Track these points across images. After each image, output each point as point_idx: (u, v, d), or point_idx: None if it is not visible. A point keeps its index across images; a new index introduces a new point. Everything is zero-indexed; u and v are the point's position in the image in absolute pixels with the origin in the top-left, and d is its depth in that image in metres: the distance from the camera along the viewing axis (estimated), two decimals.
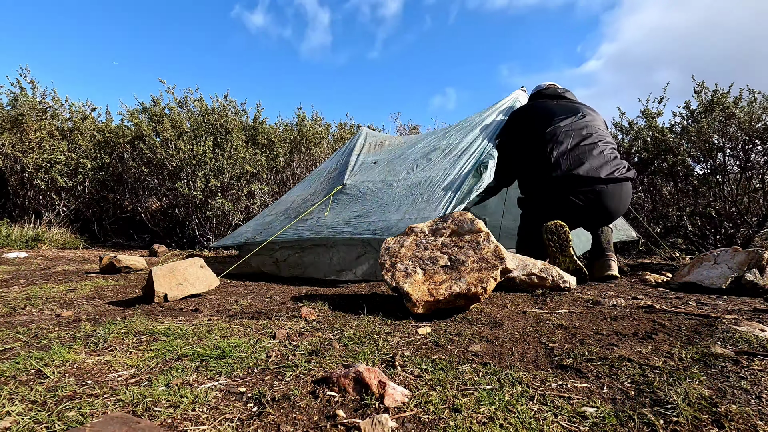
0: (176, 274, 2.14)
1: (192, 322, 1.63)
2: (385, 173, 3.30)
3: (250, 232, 3.56)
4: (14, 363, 1.15)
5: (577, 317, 1.68)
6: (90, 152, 6.28)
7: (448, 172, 2.96)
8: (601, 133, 2.83)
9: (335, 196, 3.27)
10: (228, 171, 5.93)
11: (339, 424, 0.84)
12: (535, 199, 2.82)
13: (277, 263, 3.34)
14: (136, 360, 1.19)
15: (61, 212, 6.13)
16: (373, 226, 2.74)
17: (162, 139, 6.06)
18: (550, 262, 2.49)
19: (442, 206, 2.66)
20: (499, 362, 1.20)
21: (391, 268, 1.87)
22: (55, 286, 2.53)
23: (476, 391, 0.98)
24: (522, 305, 1.91)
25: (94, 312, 1.86)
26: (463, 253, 1.87)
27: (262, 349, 1.29)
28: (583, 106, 2.99)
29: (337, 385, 0.99)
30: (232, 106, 6.82)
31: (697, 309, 1.76)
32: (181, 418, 0.86)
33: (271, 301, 2.13)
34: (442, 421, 0.85)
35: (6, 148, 5.75)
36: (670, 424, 0.83)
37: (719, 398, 0.92)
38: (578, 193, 2.62)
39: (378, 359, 1.21)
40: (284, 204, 3.82)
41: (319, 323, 1.62)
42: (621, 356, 1.20)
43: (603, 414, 0.87)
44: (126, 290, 2.48)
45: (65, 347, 1.28)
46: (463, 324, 1.61)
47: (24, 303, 2.03)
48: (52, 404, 0.91)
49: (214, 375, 1.09)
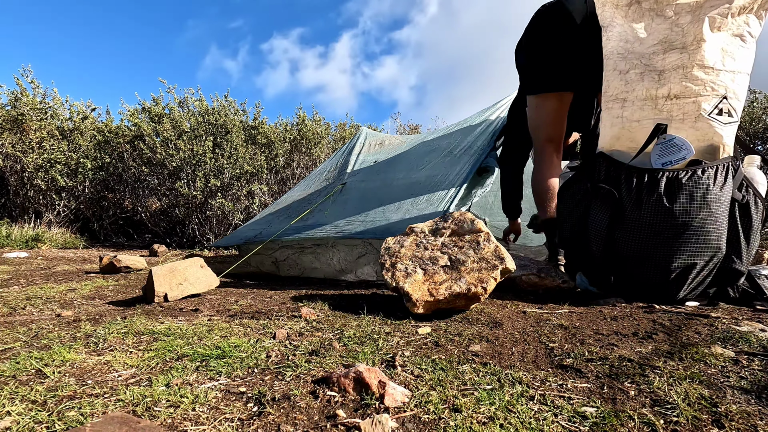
0: (176, 274, 2.14)
1: (192, 322, 1.63)
2: (385, 172, 3.30)
3: (250, 232, 3.56)
4: (14, 363, 1.15)
5: (577, 317, 1.68)
6: (90, 152, 6.29)
7: (449, 171, 2.96)
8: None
9: (335, 196, 3.27)
10: (228, 171, 5.93)
11: (339, 424, 0.84)
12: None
13: (277, 263, 3.34)
14: (136, 360, 1.19)
15: (61, 212, 6.13)
16: (373, 226, 2.74)
17: (162, 139, 6.07)
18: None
19: (442, 206, 2.66)
20: (500, 362, 1.20)
21: (391, 268, 1.88)
22: (55, 286, 2.53)
23: (476, 391, 0.98)
24: (522, 305, 1.91)
25: (94, 312, 1.86)
26: (464, 253, 1.87)
27: (263, 349, 1.29)
28: None
29: (337, 385, 0.99)
30: (231, 106, 6.83)
31: (697, 309, 1.76)
32: (182, 418, 0.86)
33: (271, 300, 2.13)
34: (442, 421, 0.85)
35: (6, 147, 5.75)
36: (670, 424, 0.83)
37: (719, 398, 0.92)
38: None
39: (378, 359, 1.21)
40: (284, 204, 3.82)
41: (319, 323, 1.62)
42: (621, 356, 1.20)
43: (603, 414, 0.87)
44: (126, 290, 2.48)
45: (65, 347, 1.28)
46: (463, 324, 1.61)
47: (24, 303, 2.03)
48: (52, 404, 0.91)
49: (215, 375, 1.09)
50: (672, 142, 1.83)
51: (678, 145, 1.82)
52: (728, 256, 1.84)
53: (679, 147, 1.81)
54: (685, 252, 1.79)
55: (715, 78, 1.81)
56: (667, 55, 1.87)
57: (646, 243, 1.83)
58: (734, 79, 1.81)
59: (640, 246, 1.84)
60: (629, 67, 1.95)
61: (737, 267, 1.85)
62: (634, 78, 1.94)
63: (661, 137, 1.85)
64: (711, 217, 1.76)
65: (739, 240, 1.85)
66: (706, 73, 1.81)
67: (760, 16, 1.86)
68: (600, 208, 1.96)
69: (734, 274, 1.87)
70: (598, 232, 1.96)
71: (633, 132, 1.93)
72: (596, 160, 2.05)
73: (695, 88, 1.82)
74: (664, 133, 1.85)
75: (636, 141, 1.92)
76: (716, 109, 1.81)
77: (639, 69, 1.93)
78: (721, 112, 1.81)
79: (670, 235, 1.79)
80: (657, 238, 1.81)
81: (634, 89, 1.94)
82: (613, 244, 1.92)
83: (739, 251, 1.85)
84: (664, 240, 1.80)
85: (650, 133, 1.87)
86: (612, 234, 1.92)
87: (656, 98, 1.89)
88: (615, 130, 1.99)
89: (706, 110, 1.81)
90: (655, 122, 1.87)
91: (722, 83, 1.81)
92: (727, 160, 1.83)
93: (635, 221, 1.84)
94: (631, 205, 1.85)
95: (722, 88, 1.81)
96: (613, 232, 1.91)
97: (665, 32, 1.89)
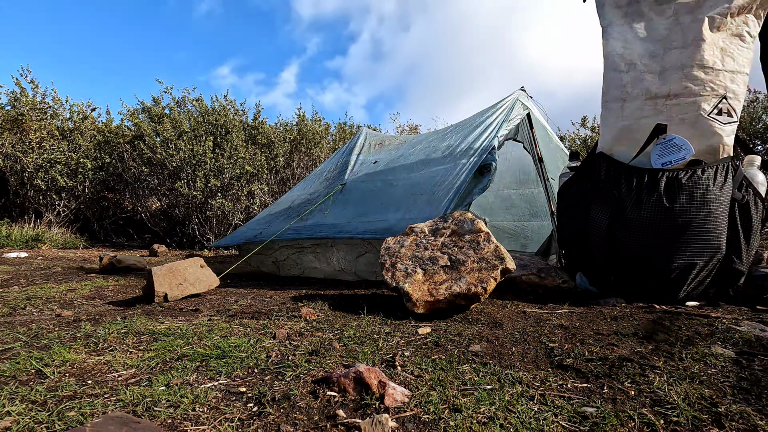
0: (176, 274, 2.14)
1: (192, 322, 1.63)
2: (385, 172, 3.30)
3: (250, 232, 3.56)
4: (14, 363, 1.15)
5: (577, 317, 1.68)
6: (90, 152, 6.29)
7: (449, 172, 2.96)
8: None
9: (335, 196, 3.27)
10: (228, 171, 5.93)
11: (339, 423, 0.84)
12: None
13: (277, 263, 3.34)
14: (136, 360, 1.19)
15: (61, 212, 6.13)
16: (373, 226, 2.74)
17: (162, 139, 6.07)
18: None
19: (442, 206, 2.66)
20: (500, 362, 1.20)
21: (391, 268, 1.87)
22: (55, 286, 2.53)
23: (476, 391, 0.98)
24: (522, 305, 1.91)
25: (94, 312, 1.86)
26: (464, 253, 1.87)
27: (263, 349, 1.29)
28: None
29: (337, 385, 0.99)
30: (231, 106, 6.83)
31: (697, 309, 1.76)
32: (181, 418, 0.86)
33: (271, 301, 2.13)
34: (442, 421, 0.85)
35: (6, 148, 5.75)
36: (670, 424, 0.83)
37: (719, 398, 0.92)
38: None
39: (378, 359, 1.21)
40: (284, 203, 3.82)
41: (319, 323, 1.61)
42: (621, 356, 1.20)
43: (603, 414, 0.87)
44: (126, 290, 2.48)
45: (65, 347, 1.28)
46: (463, 324, 1.61)
47: (24, 303, 2.03)
48: (52, 404, 0.91)
49: (214, 375, 1.09)
50: (672, 142, 1.83)
51: (678, 144, 1.82)
52: (728, 256, 1.85)
53: (678, 147, 1.82)
54: (685, 252, 1.79)
55: (715, 78, 1.81)
56: (666, 55, 1.88)
57: (647, 243, 1.83)
58: (734, 79, 1.82)
59: (640, 246, 1.85)
60: (629, 67, 1.96)
61: (737, 267, 1.85)
62: (634, 79, 1.94)
63: (661, 137, 1.85)
64: (711, 217, 1.76)
65: (739, 240, 1.85)
66: (706, 73, 1.81)
67: (758, 16, 1.86)
68: (600, 208, 1.96)
69: (734, 274, 1.87)
70: (599, 231, 1.96)
71: (633, 132, 1.94)
72: (596, 160, 2.05)
73: (695, 88, 1.82)
74: (664, 133, 1.85)
75: (636, 141, 1.92)
76: (716, 109, 1.81)
77: (639, 69, 1.93)
78: (721, 112, 1.82)
79: (670, 235, 1.79)
80: (657, 238, 1.81)
81: (634, 90, 1.94)
82: (614, 244, 1.92)
83: (739, 251, 1.85)
84: (665, 240, 1.80)
85: (650, 133, 1.87)
86: (612, 234, 1.92)
87: (656, 98, 1.89)
88: (615, 131, 2.00)
89: (706, 110, 1.82)
90: (655, 122, 1.87)
91: (721, 83, 1.81)
92: (727, 160, 1.84)
93: (635, 221, 1.84)
94: (632, 205, 1.86)
95: (722, 88, 1.81)
96: (613, 232, 1.91)
97: (665, 32, 1.89)
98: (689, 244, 1.78)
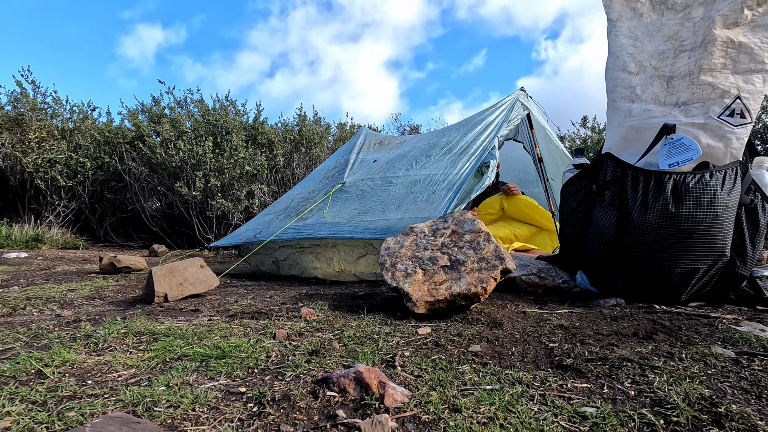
0: (176, 274, 2.14)
1: (192, 322, 1.63)
2: (384, 171, 3.30)
3: (250, 232, 3.56)
4: (14, 363, 1.15)
5: (577, 317, 1.68)
6: (90, 152, 6.29)
7: (448, 171, 2.96)
8: None
9: (335, 195, 3.27)
10: (228, 171, 5.93)
11: (339, 424, 0.84)
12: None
13: (277, 263, 3.34)
14: (136, 360, 1.19)
15: (62, 212, 6.13)
16: (373, 225, 2.74)
17: (162, 140, 6.07)
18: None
19: (442, 206, 2.66)
20: (500, 362, 1.20)
21: (391, 268, 1.88)
22: (55, 286, 2.53)
23: (476, 391, 0.98)
24: (522, 305, 1.91)
25: (94, 312, 1.86)
26: (463, 253, 1.87)
27: (262, 349, 1.29)
28: None
29: (337, 385, 0.99)
30: (232, 107, 6.84)
31: (697, 309, 1.76)
32: (181, 418, 0.86)
33: (271, 301, 2.13)
34: (442, 421, 0.85)
35: (6, 148, 5.75)
36: (670, 424, 0.83)
37: (719, 398, 0.92)
38: None
39: (378, 359, 1.21)
40: (284, 203, 3.82)
41: (319, 323, 1.62)
42: (621, 356, 1.20)
43: (603, 414, 0.87)
44: (126, 290, 2.48)
45: (65, 347, 1.28)
46: (463, 324, 1.61)
47: (24, 303, 2.04)
48: (52, 404, 0.91)
49: (214, 375, 1.09)
50: (680, 143, 1.78)
51: (686, 145, 1.77)
52: (732, 261, 1.82)
53: (686, 147, 1.77)
54: (689, 257, 1.76)
55: (725, 81, 1.75)
56: (677, 59, 1.81)
57: (651, 247, 1.79)
58: (748, 79, 1.75)
59: (645, 249, 1.81)
60: (639, 69, 1.90)
61: (740, 271, 1.83)
62: (644, 82, 1.88)
63: (669, 137, 1.81)
64: (717, 223, 1.72)
65: (744, 244, 1.82)
66: (714, 76, 1.75)
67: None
68: (605, 210, 1.93)
69: (737, 279, 1.84)
70: (603, 233, 1.93)
71: (641, 132, 1.88)
72: (603, 160, 2.02)
73: (704, 94, 1.76)
74: (672, 133, 1.80)
75: (644, 141, 1.87)
76: (727, 111, 1.74)
77: (649, 72, 1.87)
78: (733, 114, 1.74)
79: (676, 240, 1.75)
80: (662, 243, 1.77)
81: (644, 93, 1.88)
82: (618, 246, 1.89)
83: (744, 255, 1.82)
84: (670, 244, 1.76)
85: (658, 132, 1.83)
86: (617, 236, 1.89)
87: (664, 105, 1.83)
88: (622, 130, 1.94)
89: (716, 112, 1.75)
90: (663, 123, 1.83)
91: (734, 83, 1.74)
92: (736, 163, 1.78)
93: (641, 225, 1.80)
94: (638, 208, 1.82)
95: (734, 89, 1.74)
96: (618, 234, 1.88)
97: (676, 28, 1.82)
98: (693, 248, 1.75)
